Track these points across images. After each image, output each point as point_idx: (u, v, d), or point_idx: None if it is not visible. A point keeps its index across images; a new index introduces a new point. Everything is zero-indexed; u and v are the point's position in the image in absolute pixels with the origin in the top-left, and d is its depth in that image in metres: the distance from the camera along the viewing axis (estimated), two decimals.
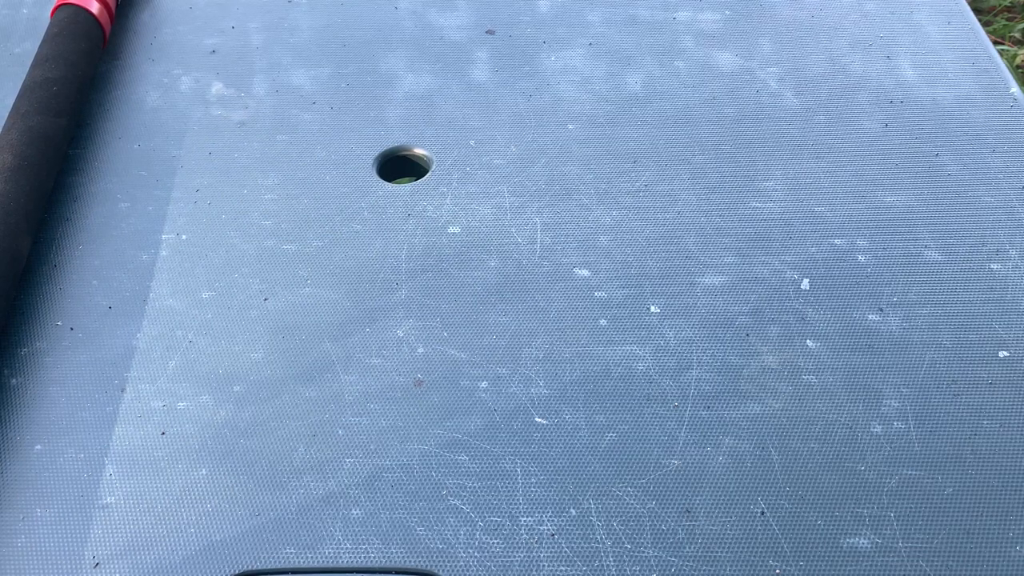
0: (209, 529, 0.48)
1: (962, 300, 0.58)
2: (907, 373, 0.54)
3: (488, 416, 0.53)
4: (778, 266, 0.60)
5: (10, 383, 0.55)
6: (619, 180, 0.66)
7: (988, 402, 0.53)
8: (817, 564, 0.47)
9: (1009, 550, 0.47)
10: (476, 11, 0.80)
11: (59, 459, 0.51)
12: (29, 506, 0.50)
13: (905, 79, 0.73)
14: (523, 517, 0.49)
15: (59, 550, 0.48)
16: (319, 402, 0.53)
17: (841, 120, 0.70)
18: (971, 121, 0.69)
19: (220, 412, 0.53)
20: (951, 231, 0.62)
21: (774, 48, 0.76)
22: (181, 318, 0.58)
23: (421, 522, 0.48)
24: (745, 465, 0.50)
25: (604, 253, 0.61)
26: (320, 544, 0.48)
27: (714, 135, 0.69)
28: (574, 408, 0.53)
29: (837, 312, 0.57)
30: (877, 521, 0.48)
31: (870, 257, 0.60)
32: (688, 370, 0.55)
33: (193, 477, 0.50)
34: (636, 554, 0.47)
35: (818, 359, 0.55)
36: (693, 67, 0.74)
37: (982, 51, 0.75)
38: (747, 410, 0.53)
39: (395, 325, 0.57)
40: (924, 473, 0.50)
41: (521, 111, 0.71)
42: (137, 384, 0.54)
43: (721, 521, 0.48)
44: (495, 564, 0.47)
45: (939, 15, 0.78)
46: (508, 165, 0.67)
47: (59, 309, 0.58)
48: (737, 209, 0.63)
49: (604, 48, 0.76)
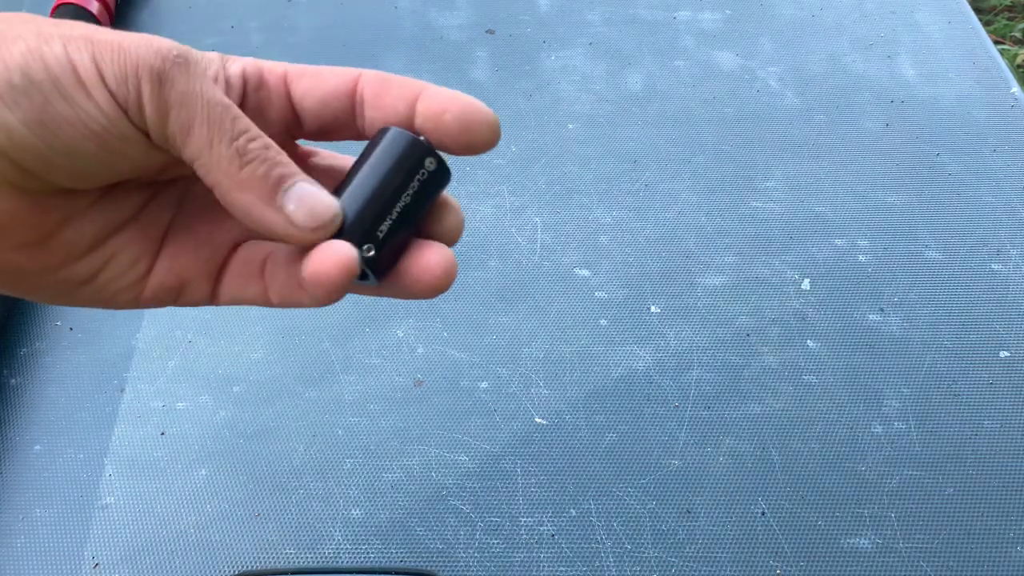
0: (209, 529, 0.48)
1: (963, 300, 0.58)
2: (908, 373, 0.54)
3: (488, 416, 0.53)
4: (778, 266, 0.60)
5: (9, 383, 0.54)
6: (619, 180, 0.65)
7: (989, 402, 0.53)
8: (818, 564, 0.47)
9: (1010, 550, 0.47)
10: (476, 10, 0.80)
11: (58, 459, 0.51)
12: (28, 506, 0.49)
13: (906, 79, 0.73)
14: (523, 517, 0.49)
15: (58, 550, 0.48)
16: (319, 402, 0.53)
17: (841, 120, 0.70)
18: (972, 121, 0.69)
19: (220, 412, 0.53)
20: (952, 231, 0.62)
21: (774, 47, 0.76)
22: (180, 318, 0.58)
23: (421, 522, 0.48)
24: (746, 465, 0.50)
25: (604, 253, 0.61)
26: (320, 544, 0.48)
27: (714, 135, 0.69)
28: (574, 408, 0.53)
29: (838, 312, 0.57)
30: (878, 521, 0.48)
31: (871, 257, 0.60)
32: (688, 370, 0.54)
33: (193, 477, 0.50)
34: (636, 554, 0.47)
35: (819, 359, 0.55)
36: (693, 66, 0.74)
37: (983, 51, 0.75)
38: (747, 410, 0.53)
39: (395, 325, 0.57)
40: (925, 473, 0.50)
41: (521, 111, 0.71)
42: (136, 384, 0.54)
43: (722, 521, 0.48)
44: (495, 564, 0.47)
45: (940, 14, 0.78)
46: (508, 165, 0.66)
47: (58, 309, 0.58)
48: (737, 209, 0.63)
49: (604, 47, 0.76)
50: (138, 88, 0.24)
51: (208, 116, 0.25)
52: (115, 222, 0.28)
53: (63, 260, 0.27)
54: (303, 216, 0.26)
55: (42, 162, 0.24)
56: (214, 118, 0.25)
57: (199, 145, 0.25)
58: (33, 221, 0.26)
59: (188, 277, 0.29)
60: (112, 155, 0.25)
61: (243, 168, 0.26)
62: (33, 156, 0.24)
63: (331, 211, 0.27)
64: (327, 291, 0.27)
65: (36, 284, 0.28)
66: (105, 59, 0.24)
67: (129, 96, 0.24)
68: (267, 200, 0.26)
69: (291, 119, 0.30)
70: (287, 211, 0.26)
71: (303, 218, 0.26)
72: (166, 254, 0.29)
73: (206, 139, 0.25)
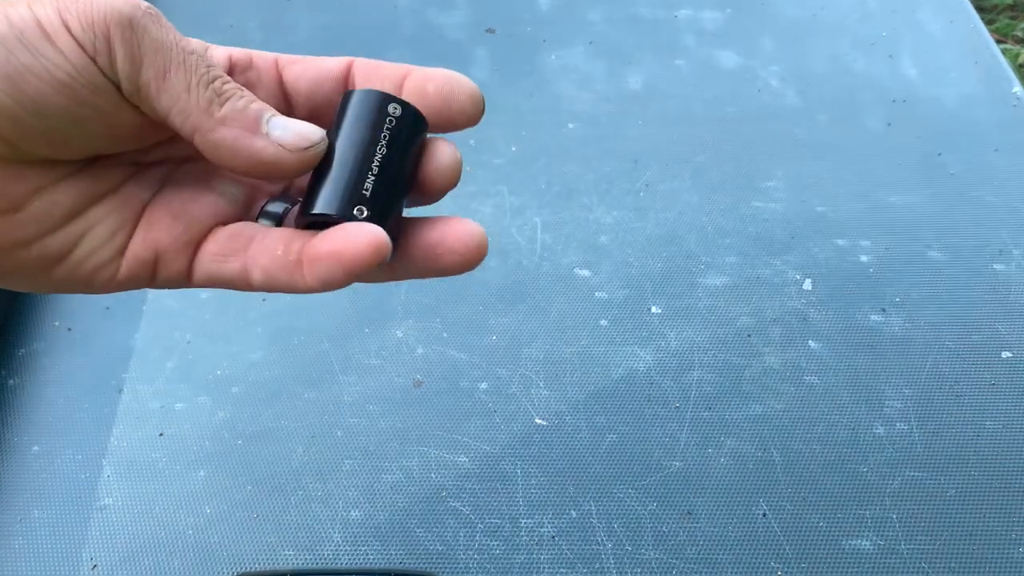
0: (207, 530, 0.48)
1: (965, 300, 0.57)
2: (910, 374, 0.54)
3: (488, 417, 0.52)
4: (780, 266, 0.60)
5: (8, 384, 0.54)
6: (620, 179, 0.65)
7: (991, 403, 0.53)
8: (819, 566, 0.46)
9: (1012, 552, 0.47)
10: (476, 9, 0.79)
11: (57, 460, 0.51)
12: (26, 507, 0.49)
13: (907, 78, 0.72)
14: (523, 519, 0.48)
15: (57, 552, 0.48)
16: (318, 403, 0.53)
17: (843, 119, 0.69)
18: (974, 120, 0.69)
19: (218, 413, 0.53)
20: (954, 231, 0.61)
21: (776, 46, 0.75)
22: (179, 318, 0.57)
23: (420, 524, 0.48)
24: (747, 466, 0.50)
25: (605, 253, 0.61)
26: (319, 546, 0.47)
27: (715, 134, 0.68)
28: (574, 409, 0.53)
29: (839, 312, 0.57)
30: (879, 523, 0.48)
31: (872, 257, 0.60)
32: (689, 371, 0.54)
33: (191, 478, 0.50)
34: (637, 556, 0.47)
35: (820, 360, 0.55)
36: (694, 66, 0.74)
37: (985, 50, 0.74)
38: (749, 411, 0.52)
39: (394, 326, 0.57)
40: (926, 474, 0.50)
41: (521, 110, 0.70)
42: (135, 385, 0.54)
43: (723, 523, 0.48)
44: (495, 566, 0.47)
45: (942, 13, 0.78)
46: (508, 165, 0.66)
47: (57, 309, 0.58)
48: (739, 209, 0.63)
49: (605, 47, 0.76)
50: (107, 35, 0.25)
51: (183, 62, 0.26)
52: (92, 194, 0.28)
53: (36, 232, 0.27)
54: (292, 138, 0.26)
55: (13, 124, 0.24)
56: (190, 64, 0.26)
57: (176, 91, 0.25)
58: (4, 189, 0.26)
59: (162, 248, 0.29)
60: (82, 108, 0.25)
61: (223, 106, 0.26)
62: (4, 118, 0.24)
63: (318, 132, 0.27)
64: (347, 272, 0.26)
65: (7, 263, 0.27)
66: (71, 11, 0.24)
67: (97, 43, 0.24)
68: (252, 130, 0.26)
69: (280, 102, 0.30)
70: (274, 136, 0.26)
71: (292, 139, 0.26)
72: (142, 226, 0.29)
73: (183, 83, 0.25)
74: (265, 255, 0.28)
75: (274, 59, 0.30)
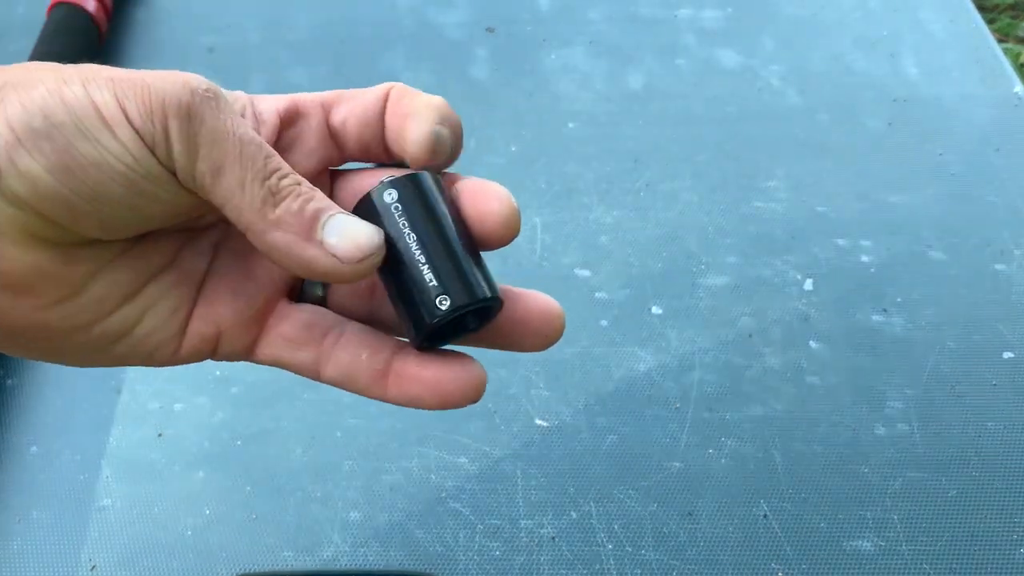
0: (207, 532, 0.48)
1: (966, 301, 0.57)
2: (911, 374, 0.54)
3: (488, 418, 0.52)
4: (781, 266, 0.60)
5: (6, 384, 0.54)
6: (620, 179, 0.65)
7: (993, 404, 0.52)
8: (820, 567, 0.46)
9: (1013, 553, 0.47)
10: (475, 8, 0.79)
11: (55, 461, 0.51)
12: (25, 508, 0.49)
13: (908, 77, 0.72)
14: (523, 520, 0.48)
15: (55, 553, 0.48)
16: (317, 404, 0.53)
17: (844, 118, 0.69)
18: (975, 120, 0.69)
19: (218, 414, 0.53)
20: (955, 231, 0.61)
21: (776, 46, 0.75)
22: None
23: (420, 525, 0.48)
24: (748, 467, 0.50)
25: (605, 253, 0.60)
26: (318, 547, 0.47)
27: (716, 134, 0.68)
28: (575, 410, 0.52)
29: (840, 313, 0.57)
30: (880, 523, 0.48)
31: (874, 257, 0.60)
32: (690, 371, 0.54)
33: (190, 479, 0.50)
34: (637, 557, 0.47)
35: (821, 360, 0.54)
36: (695, 65, 0.74)
37: (986, 49, 0.74)
38: (750, 412, 0.52)
39: None
40: (928, 475, 0.50)
41: (521, 109, 0.70)
42: (133, 385, 0.54)
43: (723, 524, 0.48)
44: (495, 567, 0.46)
45: (943, 12, 0.78)
46: (508, 164, 0.66)
47: None
48: (739, 208, 0.63)
49: (605, 46, 0.76)
50: (164, 124, 0.24)
51: (240, 154, 0.24)
52: (149, 270, 0.27)
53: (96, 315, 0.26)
54: (347, 248, 0.25)
55: (68, 211, 0.23)
56: (247, 156, 0.24)
57: (230, 186, 0.24)
58: (61, 275, 0.25)
59: (224, 326, 0.28)
60: (139, 198, 0.24)
61: (277, 206, 0.25)
62: (59, 205, 0.23)
63: (375, 239, 0.26)
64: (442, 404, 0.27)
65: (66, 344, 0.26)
66: (128, 96, 0.23)
67: (156, 133, 0.24)
68: (306, 236, 0.25)
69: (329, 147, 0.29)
70: (329, 244, 0.25)
71: (347, 250, 0.25)
72: (202, 302, 0.28)
73: (238, 180, 0.24)
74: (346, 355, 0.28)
75: (319, 102, 0.29)
